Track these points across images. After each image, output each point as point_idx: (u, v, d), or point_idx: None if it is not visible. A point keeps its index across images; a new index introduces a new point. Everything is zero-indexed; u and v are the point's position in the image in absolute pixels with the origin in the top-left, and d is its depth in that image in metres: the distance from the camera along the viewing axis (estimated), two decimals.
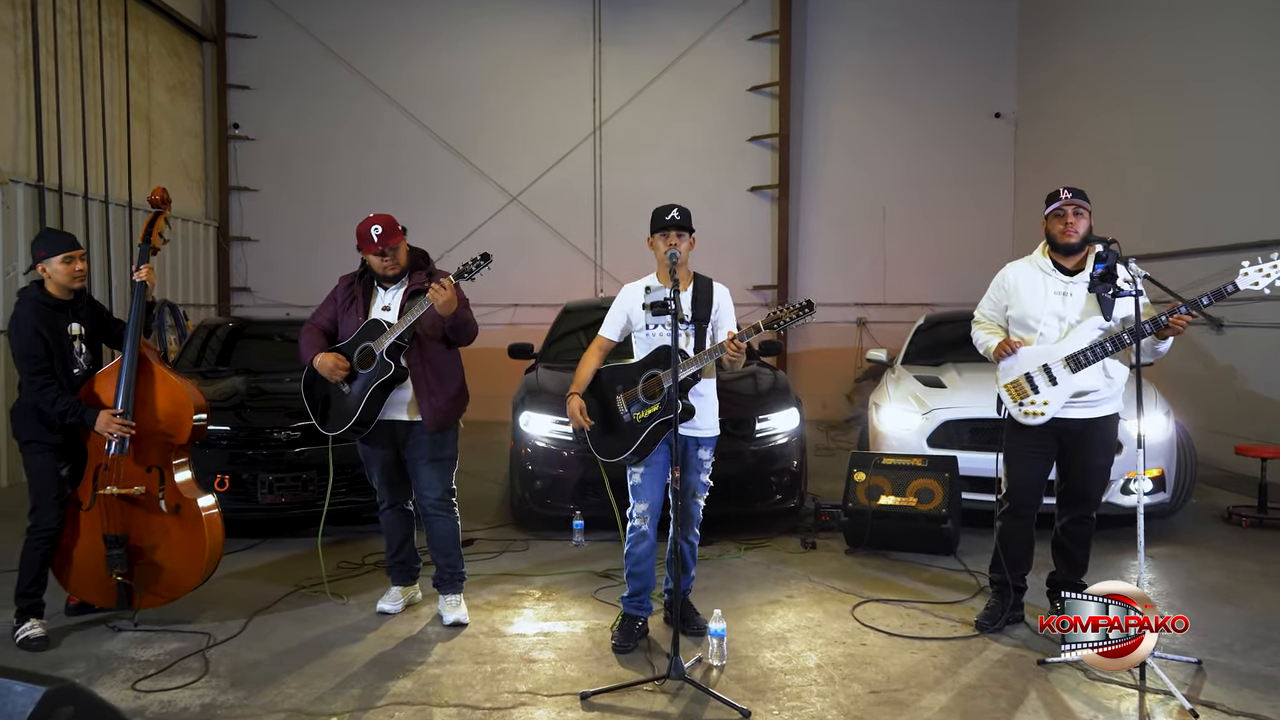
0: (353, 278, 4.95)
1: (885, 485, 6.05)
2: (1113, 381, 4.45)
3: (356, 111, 13.01)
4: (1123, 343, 4.27)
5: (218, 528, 4.72)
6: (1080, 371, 4.35)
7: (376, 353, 4.63)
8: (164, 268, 11.42)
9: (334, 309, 4.90)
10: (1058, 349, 4.41)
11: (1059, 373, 4.39)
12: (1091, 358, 4.32)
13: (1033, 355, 4.47)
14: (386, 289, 4.83)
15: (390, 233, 4.65)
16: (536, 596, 5.21)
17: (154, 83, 11.47)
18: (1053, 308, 4.45)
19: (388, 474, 4.88)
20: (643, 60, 13.11)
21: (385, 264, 4.69)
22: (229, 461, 6.21)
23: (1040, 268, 4.53)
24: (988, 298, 4.78)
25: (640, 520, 4.53)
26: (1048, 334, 4.46)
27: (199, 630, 4.63)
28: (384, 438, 4.79)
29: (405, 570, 5.03)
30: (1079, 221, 4.40)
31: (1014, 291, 4.59)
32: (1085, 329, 4.38)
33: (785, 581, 5.45)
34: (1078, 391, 4.40)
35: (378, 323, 4.69)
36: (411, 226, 5.13)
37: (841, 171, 13.32)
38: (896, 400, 6.92)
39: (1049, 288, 4.47)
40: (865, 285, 13.29)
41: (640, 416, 4.43)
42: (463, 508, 7.42)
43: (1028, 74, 13.14)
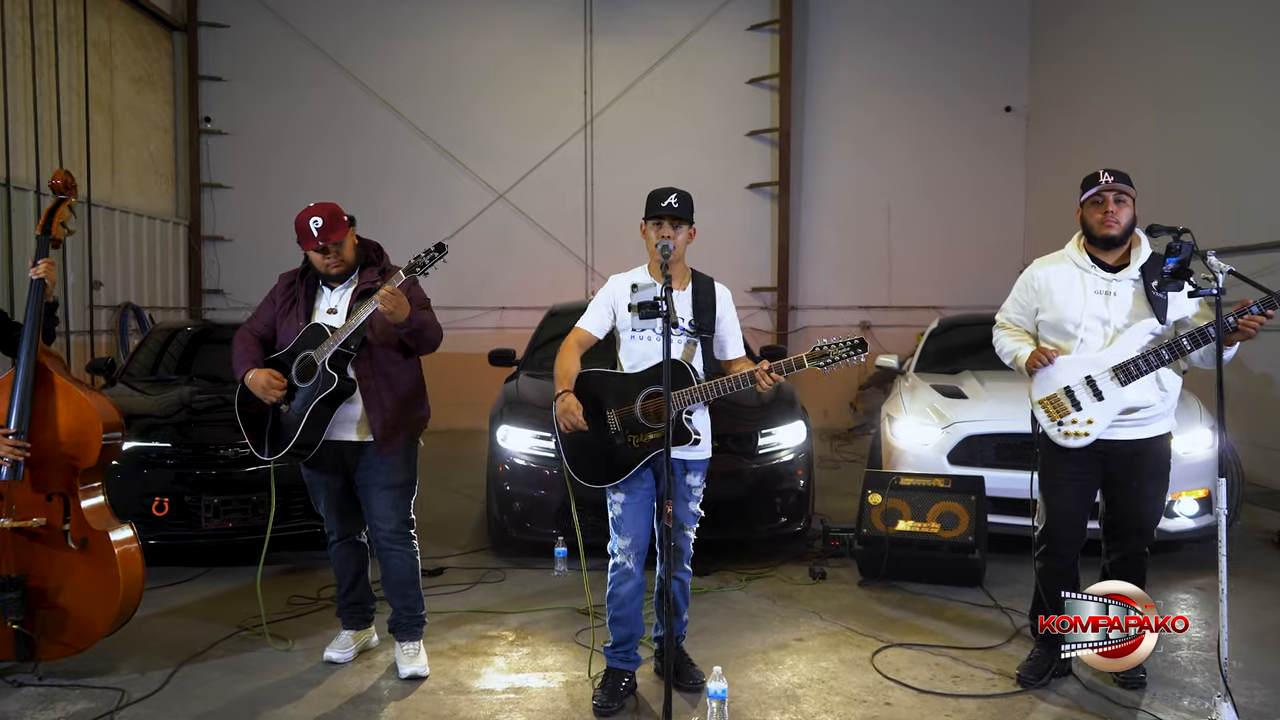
0: (293, 276, 4.29)
1: (904, 509, 5.41)
2: (1167, 395, 3.81)
3: (335, 105, 12.36)
4: (1182, 349, 3.63)
5: (135, 563, 4.05)
6: (1130, 384, 3.71)
7: (318, 363, 3.99)
8: (130, 268, 10.78)
9: (272, 312, 4.25)
10: (1103, 357, 3.77)
11: (1105, 385, 3.75)
12: (1145, 367, 3.68)
13: (1073, 365, 3.83)
14: (332, 288, 4.18)
15: (333, 225, 4.00)
16: (510, 640, 4.56)
17: (118, 73, 10.82)
18: (1094, 310, 3.81)
19: (336, 502, 4.23)
20: (636, 51, 12.48)
21: (328, 261, 4.05)
22: (171, 482, 5.54)
23: (1077, 264, 3.89)
24: (1013, 299, 4.13)
25: (623, 558, 3.88)
26: (1090, 340, 3.82)
27: (113, 685, 3.97)
28: (331, 461, 4.14)
29: (357, 612, 4.38)
30: (1121, 210, 3.77)
31: (1045, 292, 3.95)
32: (1134, 334, 3.75)
33: (794, 621, 4.80)
34: (1127, 408, 3.76)
35: (320, 328, 4.05)
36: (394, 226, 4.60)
37: (844, 168, 12.69)
38: (913, 412, 6.28)
39: (1088, 286, 3.84)
40: (869, 287, 12.67)
41: (638, 441, 3.78)
42: (436, 529, 6.91)
43: (1041, 65, 12.53)
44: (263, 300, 4.34)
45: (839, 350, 3.58)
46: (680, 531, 3.96)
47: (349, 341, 3.95)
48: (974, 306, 11.46)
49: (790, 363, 3.65)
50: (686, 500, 3.95)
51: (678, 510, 3.90)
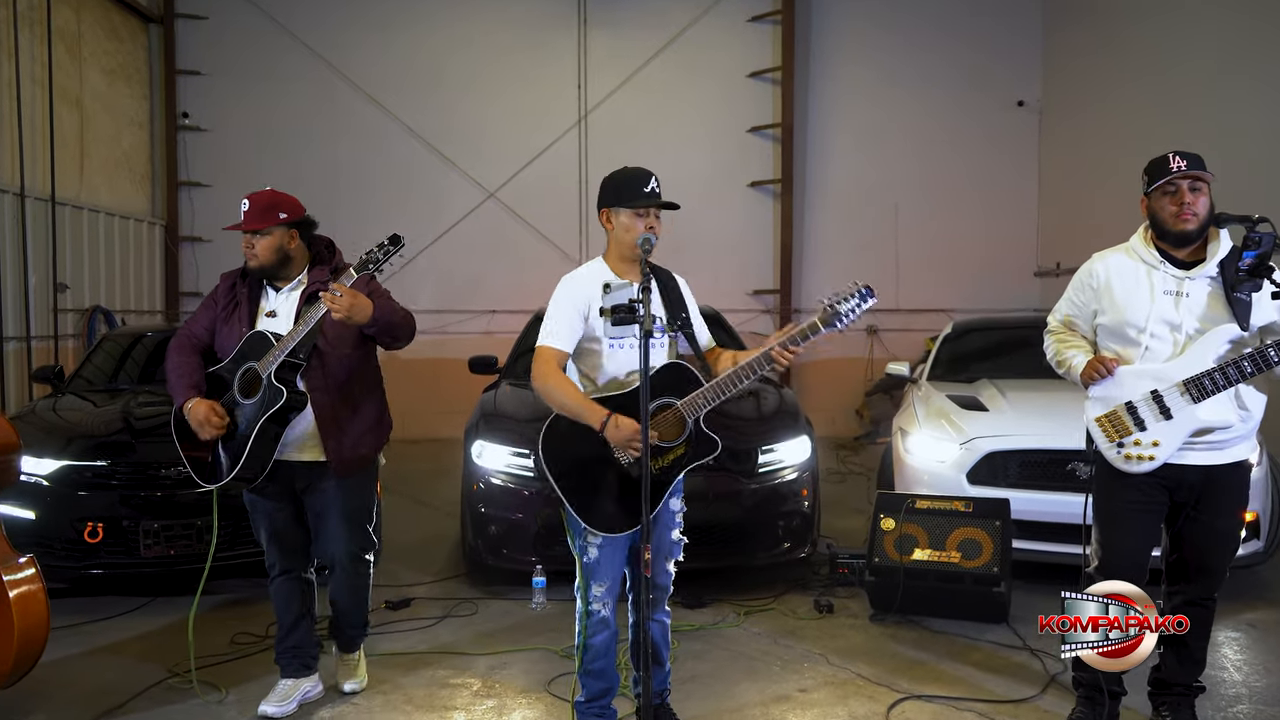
0: (235, 275, 3.80)
1: (920, 536, 4.85)
2: (1249, 415, 3.26)
3: (320, 101, 11.81)
4: (1269, 361, 3.08)
5: (35, 604, 3.52)
6: (1205, 401, 3.17)
7: (263, 376, 3.51)
8: (100, 269, 10.24)
9: (212, 315, 3.77)
10: (1172, 369, 3.23)
11: (1174, 402, 3.20)
12: (1222, 382, 3.14)
13: (1136, 378, 3.29)
14: (278, 289, 3.72)
15: (260, 215, 3.59)
16: (474, 690, 4.01)
17: (87, 65, 10.28)
18: (1163, 313, 3.27)
19: (280, 531, 3.76)
20: (632, 44, 11.92)
21: (244, 248, 3.62)
22: (107, 506, 4.99)
23: (1144, 259, 3.35)
24: (1068, 299, 3.59)
25: (600, 605, 3.33)
26: (1156, 349, 3.28)
27: None
28: (277, 485, 3.67)
29: (298, 657, 3.86)
30: (1198, 199, 3.22)
31: (1106, 291, 3.41)
32: (1210, 342, 3.20)
33: (797, 665, 4.25)
34: (1200, 429, 3.22)
35: (263, 335, 3.59)
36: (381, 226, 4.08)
37: (850, 164, 12.13)
38: (927, 425, 5.73)
39: (1156, 285, 3.29)
40: (876, 289, 12.05)
41: (659, 466, 3.20)
42: (408, 552, 6.24)
43: (1055, 57, 11.96)
44: (203, 301, 3.87)
45: (849, 304, 3.10)
46: (662, 565, 3.45)
47: (297, 350, 3.50)
48: (985, 309, 10.93)
49: (805, 330, 3.11)
50: (670, 527, 3.43)
51: (661, 540, 3.39)
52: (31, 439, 5.15)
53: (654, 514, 3.26)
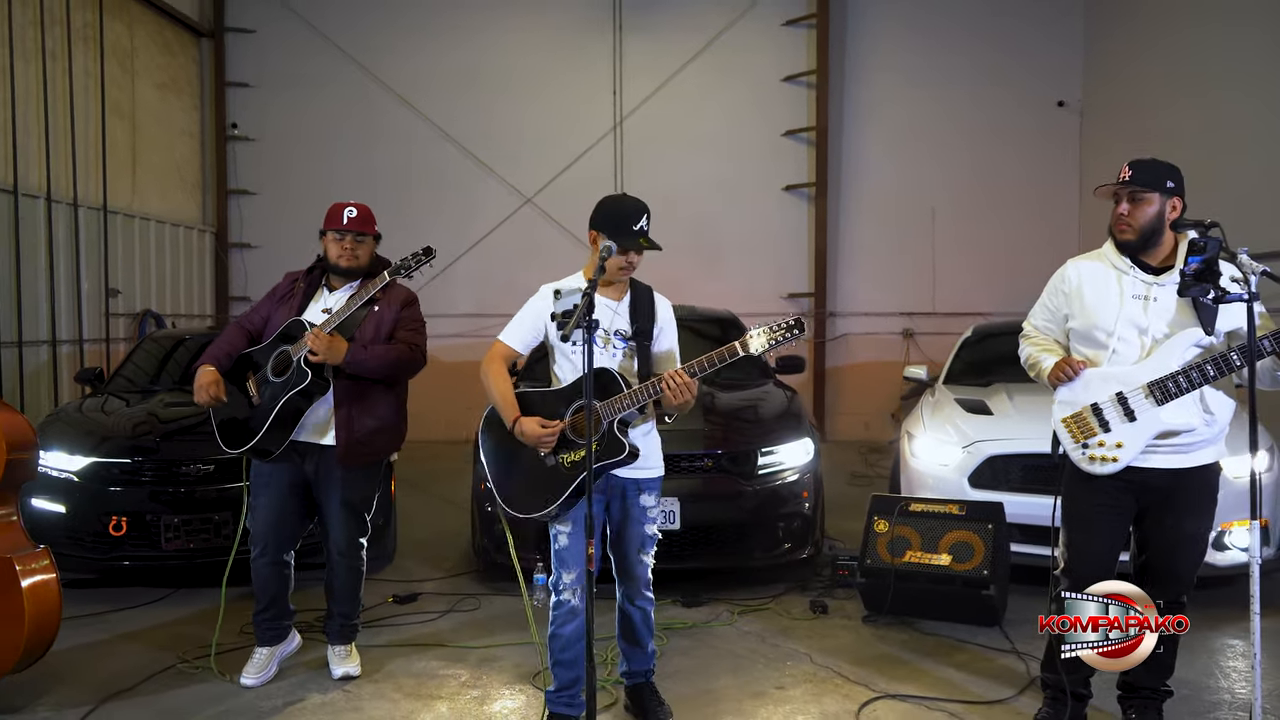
0: (299, 274, 4.16)
1: (913, 538, 4.88)
2: (1214, 419, 3.26)
3: (361, 109, 12.14)
4: (1230, 365, 3.09)
5: (48, 594, 3.75)
6: (1168, 404, 3.19)
7: (294, 358, 3.83)
8: (151, 275, 10.67)
9: (270, 306, 4.12)
10: (1137, 372, 3.25)
11: (1139, 404, 3.22)
12: (1185, 385, 3.16)
13: (1102, 380, 3.31)
14: (333, 290, 4.07)
15: (366, 220, 4.01)
16: (462, 680, 4.15)
17: (140, 78, 10.72)
18: (1130, 316, 3.29)
19: (277, 510, 4.03)
20: (667, 49, 12.04)
21: (344, 248, 3.98)
22: (131, 500, 5.25)
23: (1115, 265, 3.37)
24: (1042, 304, 3.63)
25: (569, 594, 3.50)
26: (1124, 351, 3.30)
27: None
28: (292, 463, 3.97)
29: (273, 628, 4.16)
30: (1136, 211, 3.26)
31: (1077, 295, 3.43)
32: (1175, 346, 3.22)
33: (780, 662, 4.32)
34: (1164, 431, 3.23)
35: (301, 323, 3.90)
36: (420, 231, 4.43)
37: (885, 167, 12.09)
38: (932, 429, 5.75)
39: (1125, 290, 3.31)
40: (912, 293, 12.03)
41: (569, 460, 3.40)
42: (424, 547, 6.49)
43: (1097, 55, 11.77)
44: (264, 296, 4.23)
45: (774, 333, 3.23)
46: (638, 555, 3.61)
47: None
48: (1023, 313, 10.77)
49: (710, 359, 3.30)
50: (641, 523, 3.60)
51: (631, 533, 3.59)
52: (65, 437, 5.47)
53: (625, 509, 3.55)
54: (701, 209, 11.91)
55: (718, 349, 3.31)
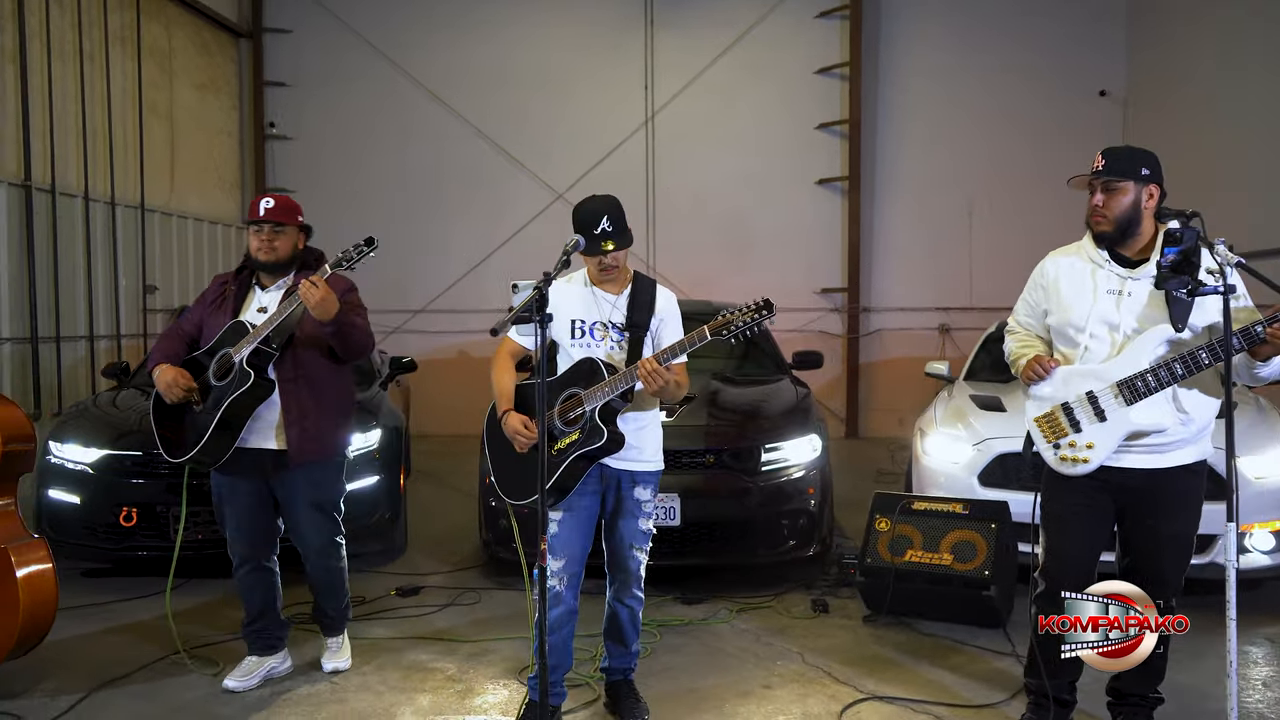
0: (227, 276, 4.09)
1: (914, 537, 4.78)
2: (1189, 419, 3.13)
3: (394, 107, 12.25)
4: (1199, 363, 2.97)
5: (44, 584, 3.83)
6: (1138, 403, 3.07)
7: (235, 360, 3.73)
8: (189, 272, 10.88)
9: (201, 311, 4.02)
10: (1108, 369, 3.14)
11: (1108, 404, 3.12)
12: (1154, 384, 3.04)
13: (1076, 378, 3.21)
14: (266, 288, 3.95)
15: (283, 211, 3.87)
16: (448, 674, 4.16)
17: (178, 79, 10.93)
18: (1102, 313, 3.18)
19: (246, 521, 3.95)
20: (699, 43, 11.96)
21: (261, 240, 3.85)
22: (141, 492, 5.35)
23: (1091, 258, 3.26)
24: (1023, 299, 3.54)
25: (555, 580, 3.51)
26: (1095, 349, 3.20)
27: (12, 711, 3.75)
28: (247, 471, 3.89)
29: (263, 639, 4.10)
30: (1110, 201, 3.15)
31: (1054, 289, 3.35)
32: (1145, 343, 3.10)
33: (770, 662, 4.26)
34: (1134, 432, 3.11)
35: (241, 325, 3.82)
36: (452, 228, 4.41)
37: (921, 160, 11.87)
38: (944, 425, 5.64)
39: (1100, 284, 3.21)
40: (949, 287, 11.81)
41: (556, 449, 3.42)
42: (434, 541, 6.59)
43: (1141, 43, 11.44)
44: (195, 301, 4.16)
45: (742, 316, 3.19)
46: (630, 552, 3.61)
47: (270, 339, 3.73)
48: None
49: (677, 346, 3.32)
50: (635, 517, 3.59)
51: (624, 527, 3.59)
52: (81, 430, 5.60)
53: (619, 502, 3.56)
54: (733, 204, 11.83)
55: (685, 335, 3.32)
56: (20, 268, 8.26)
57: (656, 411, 3.67)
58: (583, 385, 3.44)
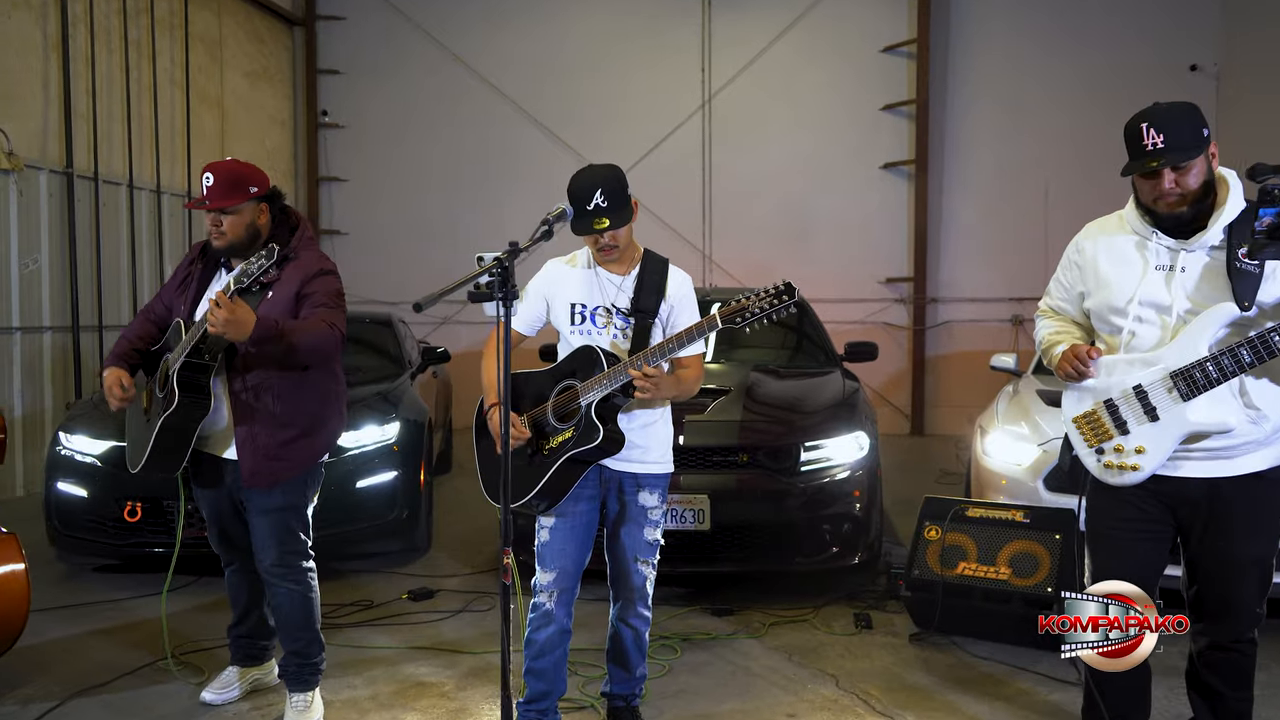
0: (197, 250, 3.55)
1: (969, 547, 4.29)
2: (1261, 416, 2.59)
3: (446, 93, 12.02)
4: (1272, 348, 2.43)
5: (15, 585, 3.59)
6: (1197, 398, 2.55)
7: (170, 372, 3.24)
8: None
9: (171, 292, 3.55)
10: (1159, 358, 2.62)
11: (1160, 400, 2.59)
12: (1216, 374, 2.51)
13: (1121, 369, 2.68)
14: (233, 269, 3.39)
15: (225, 191, 3.26)
16: (444, 690, 3.81)
17: (229, 67, 10.84)
18: (1151, 293, 2.65)
19: (220, 523, 3.62)
20: (757, 23, 11.46)
21: (211, 230, 3.35)
22: (147, 486, 5.10)
23: (1135, 229, 2.73)
24: (1056, 279, 2.99)
25: (545, 596, 3.15)
26: (1142, 334, 2.67)
27: None
28: (212, 475, 3.51)
29: (247, 647, 3.77)
30: (1185, 176, 2.58)
31: (1092, 268, 2.81)
32: (1205, 324, 2.56)
33: (800, 685, 3.82)
34: (1193, 433, 2.59)
35: (179, 327, 3.33)
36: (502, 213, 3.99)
37: (993, 141, 11.19)
38: (1006, 424, 5.11)
39: (1148, 260, 2.68)
40: (1022, 277, 11.07)
41: (547, 447, 3.08)
42: (459, 544, 6.20)
43: (1237, 12, 10.60)
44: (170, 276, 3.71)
45: (759, 301, 2.81)
46: (634, 564, 3.22)
47: (201, 350, 3.19)
48: None
49: (679, 338, 2.96)
50: (640, 525, 3.20)
51: (627, 537, 3.20)
52: (91, 421, 5.42)
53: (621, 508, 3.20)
54: (793, 189, 11.34)
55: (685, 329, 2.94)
56: (62, 255, 8.20)
57: (666, 407, 3.27)
58: (581, 376, 3.07)
